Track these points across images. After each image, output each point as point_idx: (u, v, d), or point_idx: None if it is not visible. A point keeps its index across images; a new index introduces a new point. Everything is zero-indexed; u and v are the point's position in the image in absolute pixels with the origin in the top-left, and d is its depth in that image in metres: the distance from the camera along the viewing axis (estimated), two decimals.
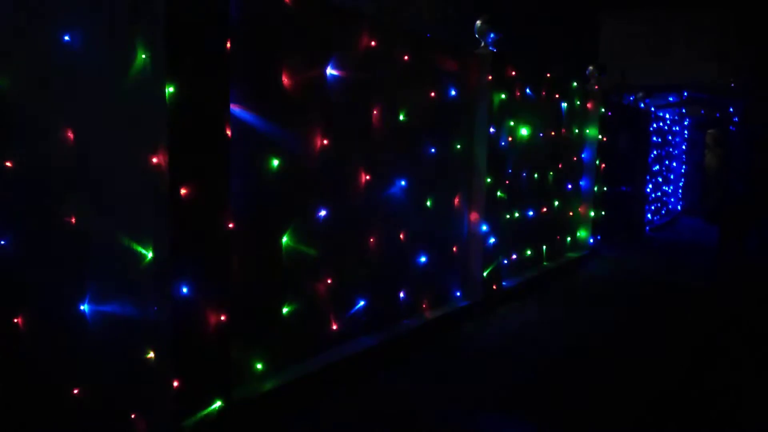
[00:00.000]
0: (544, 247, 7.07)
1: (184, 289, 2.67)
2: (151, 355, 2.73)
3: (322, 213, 3.69)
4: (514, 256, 6.27)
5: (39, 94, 3.01)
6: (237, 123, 3.04)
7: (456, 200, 5.20)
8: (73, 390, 3.03)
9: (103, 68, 2.76)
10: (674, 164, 13.67)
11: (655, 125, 11.26)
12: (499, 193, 5.52)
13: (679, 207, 14.10)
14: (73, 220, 2.94)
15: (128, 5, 2.63)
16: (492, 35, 5.24)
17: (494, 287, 5.57)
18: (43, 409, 3.15)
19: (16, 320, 3.24)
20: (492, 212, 5.41)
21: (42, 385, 3.21)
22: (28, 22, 2.99)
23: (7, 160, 3.15)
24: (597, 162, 7.97)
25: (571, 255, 7.71)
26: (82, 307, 2.94)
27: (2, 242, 3.24)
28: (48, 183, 3.04)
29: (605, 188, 8.35)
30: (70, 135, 2.90)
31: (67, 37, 2.83)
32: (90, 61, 2.80)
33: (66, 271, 3.02)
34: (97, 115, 2.82)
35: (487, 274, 5.42)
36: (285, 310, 3.51)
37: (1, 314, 3.28)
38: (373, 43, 3.97)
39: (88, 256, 2.93)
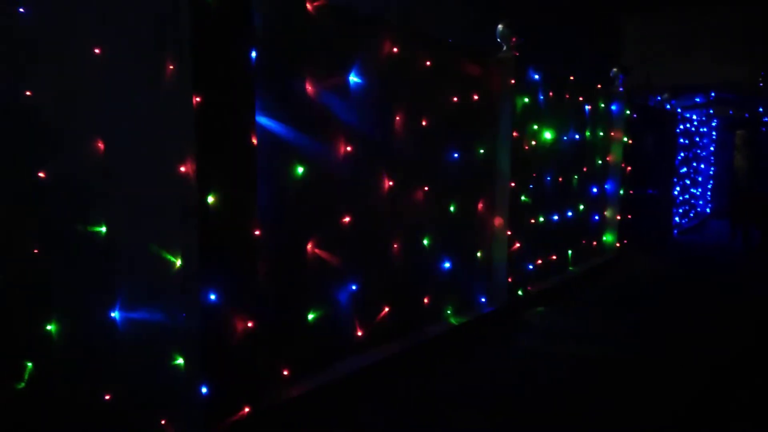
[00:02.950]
0: (570, 251, 6.98)
1: (212, 296, 2.70)
2: (180, 361, 2.77)
3: (346, 219, 3.71)
4: (539, 261, 6.20)
5: (70, 106, 3.09)
6: (262, 131, 3.07)
7: (480, 205, 5.17)
8: (104, 395, 3.08)
9: (131, 80, 2.82)
10: (702, 166, 13.39)
11: (681, 126, 11.04)
12: (523, 198, 5.47)
13: (707, 209, 13.79)
14: (104, 229, 3.01)
15: (156, 18, 2.69)
16: (514, 39, 5.22)
17: (519, 293, 5.51)
18: (75, 413, 3.21)
19: (49, 327, 3.31)
20: (516, 217, 5.36)
21: (74, 390, 3.28)
22: (59, 36, 3.08)
23: (40, 171, 3.24)
24: (622, 165, 7.85)
25: (598, 259, 7.59)
26: (112, 314, 3.00)
27: (36, 250, 3.33)
28: (79, 192, 3.11)
29: (631, 191, 8.21)
30: (100, 145, 2.97)
31: (97, 50, 2.90)
32: (119, 73, 2.86)
33: (97, 278, 3.09)
34: (125, 125, 2.88)
35: (512, 280, 5.37)
36: (310, 316, 3.52)
37: (35, 320, 3.37)
38: (395, 49, 3.99)
39: (118, 263, 2.99)
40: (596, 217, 7.68)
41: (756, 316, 5.66)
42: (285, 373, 3.35)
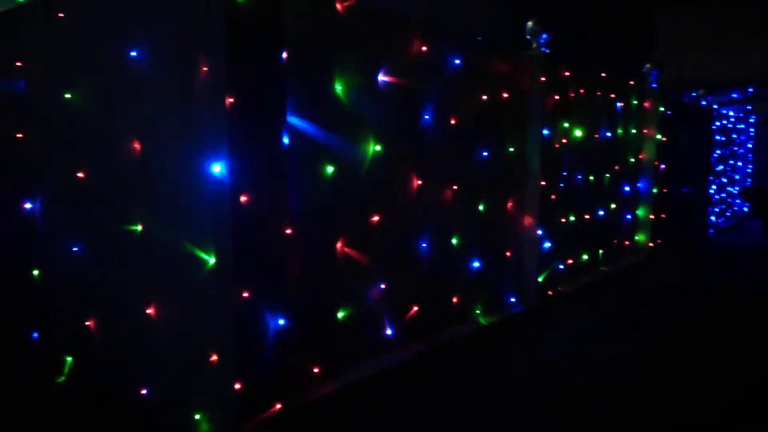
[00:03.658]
0: (601, 251, 6.86)
1: (245, 294, 2.74)
2: (214, 357, 2.82)
3: (375, 218, 3.72)
4: (570, 261, 6.11)
5: (108, 109, 3.19)
6: (293, 132, 3.10)
7: (509, 204, 5.12)
8: (140, 390, 3.16)
9: (166, 81, 2.89)
10: (739, 164, 13.00)
11: (717, 123, 10.74)
12: (553, 197, 5.40)
13: (745, 208, 13.38)
14: (140, 228, 3.08)
15: (189, 21, 2.74)
16: (544, 36, 5.15)
17: (550, 293, 5.44)
18: (112, 407, 3.30)
19: (88, 323, 3.41)
20: (546, 216, 5.30)
21: (112, 385, 3.37)
22: (98, 40, 3.17)
23: (79, 171, 3.34)
24: (655, 163, 7.68)
25: (629, 259, 7.45)
26: (148, 311, 3.07)
27: (75, 249, 3.44)
28: (117, 192, 3.20)
29: (665, 190, 8.03)
30: (137, 146, 3.04)
31: (133, 53, 2.98)
32: (154, 75, 2.93)
33: (134, 275, 3.17)
34: (161, 126, 2.95)
35: (542, 280, 5.31)
36: (340, 315, 3.55)
37: (75, 316, 3.47)
38: (423, 48, 3.98)
39: (154, 261, 3.06)
40: (628, 217, 7.53)
41: None
42: (315, 370, 3.38)
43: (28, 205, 3.69)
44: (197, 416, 2.92)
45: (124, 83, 3.06)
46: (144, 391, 3.16)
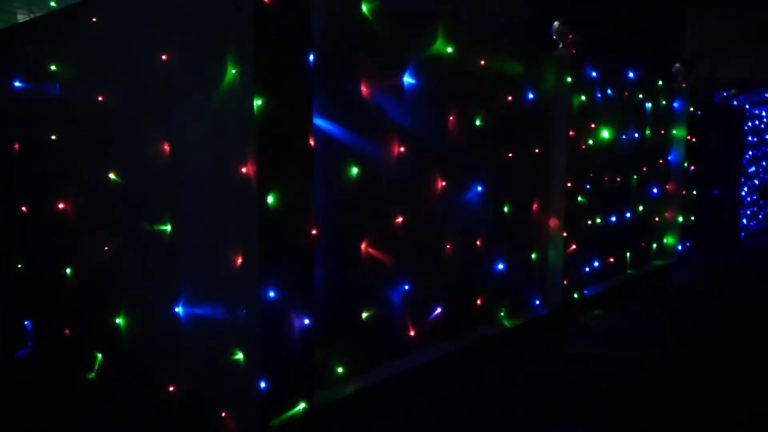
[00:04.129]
0: (628, 254, 6.75)
1: (271, 294, 2.77)
2: (240, 356, 2.85)
3: (400, 219, 3.72)
4: (596, 264, 6.03)
5: (139, 110, 3.25)
6: (319, 133, 3.13)
7: (534, 205, 5.07)
8: (168, 387, 3.22)
9: (195, 84, 2.93)
10: None
11: (750, 124, 10.46)
12: (579, 198, 5.33)
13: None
14: (169, 228, 3.14)
15: (219, 24, 2.78)
16: (571, 36, 5.09)
17: (575, 296, 5.37)
18: (140, 403, 3.37)
19: (118, 320, 3.49)
20: (572, 218, 5.23)
21: (140, 382, 3.44)
22: (129, 43, 3.24)
23: (110, 172, 3.41)
24: (685, 164, 7.52)
25: (658, 263, 7.31)
26: (176, 309, 3.13)
27: (106, 247, 3.52)
28: (146, 192, 3.26)
29: (694, 191, 7.85)
30: (166, 147, 3.10)
31: (163, 56, 3.03)
32: (184, 77, 2.99)
33: (162, 274, 3.23)
34: (190, 128, 3.00)
35: (568, 282, 5.24)
36: (364, 315, 3.56)
37: (106, 314, 3.55)
38: (448, 49, 3.97)
39: (182, 261, 3.11)
40: (657, 219, 7.39)
41: None
42: (339, 370, 3.40)
43: (61, 205, 3.79)
44: (223, 414, 2.96)
45: (154, 86, 3.12)
46: (171, 389, 3.21)
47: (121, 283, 3.49)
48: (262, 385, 2.78)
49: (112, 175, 3.41)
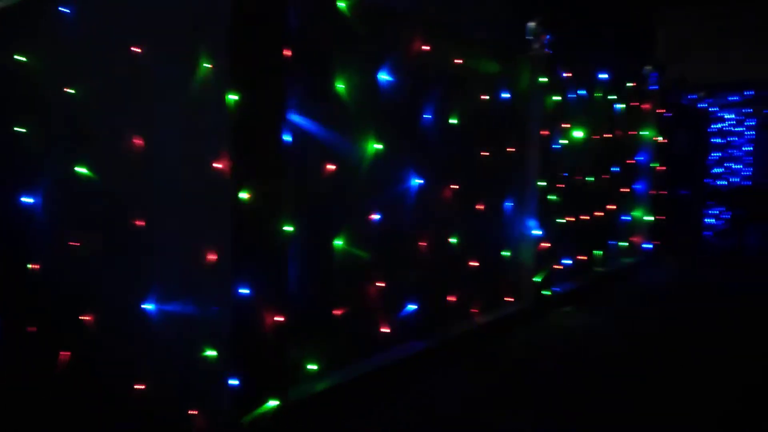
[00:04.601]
0: (598, 252, 6.89)
1: (244, 290, 2.75)
2: (212, 353, 2.83)
3: (375, 216, 3.73)
4: (567, 261, 6.14)
5: (110, 104, 3.19)
6: (294, 129, 3.11)
7: (508, 204, 5.14)
8: (137, 385, 3.17)
9: (169, 78, 2.89)
10: (737, 166, 13.02)
11: (716, 126, 10.77)
12: (551, 197, 5.42)
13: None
14: (140, 223, 3.09)
15: (193, 18, 2.74)
16: (545, 37, 5.16)
17: (546, 292, 5.47)
18: (109, 402, 3.31)
19: (86, 317, 3.42)
20: (544, 216, 5.32)
21: (109, 380, 3.38)
22: (101, 35, 3.17)
23: (81, 167, 3.34)
24: (653, 164, 7.70)
25: (627, 260, 7.48)
26: (146, 307, 3.08)
27: (75, 243, 3.44)
28: (117, 187, 3.20)
29: (663, 192, 8.05)
30: (138, 142, 3.05)
31: (136, 50, 2.98)
32: (158, 72, 2.94)
33: (133, 271, 3.18)
34: (163, 123, 2.95)
35: (539, 280, 5.33)
36: (338, 312, 3.56)
37: (74, 311, 3.48)
38: (425, 47, 3.98)
39: (153, 257, 3.07)
40: (626, 218, 7.56)
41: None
42: (312, 367, 3.39)
43: (29, 200, 3.69)
44: (194, 412, 2.93)
45: (127, 79, 3.06)
46: (141, 387, 3.16)
47: (90, 280, 3.42)
48: (234, 382, 2.76)
49: (82, 170, 3.34)
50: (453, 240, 4.48)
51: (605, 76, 6.59)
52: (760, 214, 8.29)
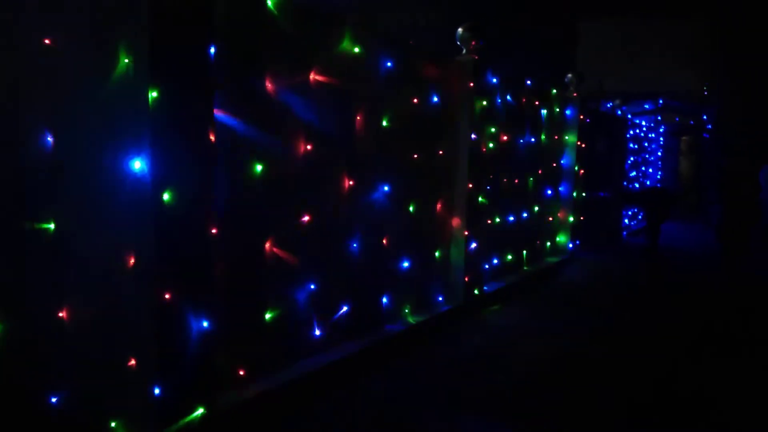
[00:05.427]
0: (525, 252, 7.15)
1: (167, 295, 2.64)
2: (133, 362, 2.70)
3: (306, 218, 3.69)
4: (496, 261, 6.33)
5: (18, 99, 2.97)
6: (221, 128, 3.02)
7: (438, 205, 5.23)
8: (50, 397, 2.97)
9: (84, 72, 2.73)
10: (650, 170, 13.94)
11: (631, 132, 11.47)
12: (480, 199, 5.57)
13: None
14: (52, 226, 2.90)
15: (111, 8, 2.61)
16: (474, 43, 5.30)
17: (476, 292, 5.61)
18: (21, 416, 3.08)
19: None
20: (473, 217, 5.46)
21: (20, 392, 3.15)
22: (7, 22, 2.95)
23: None
24: (576, 168, 8.10)
25: (551, 259, 7.81)
26: (61, 314, 2.89)
27: None
28: (27, 188, 2.99)
29: (584, 194, 8.48)
30: (50, 139, 2.86)
31: (47, 41, 2.80)
32: (71, 64, 2.77)
33: (45, 277, 2.98)
34: (77, 119, 2.78)
35: (469, 279, 5.46)
36: (268, 316, 3.50)
37: None
38: (356, 49, 3.99)
39: (68, 262, 2.89)
40: (550, 219, 7.89)
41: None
42: (241, 373, 3.31)
43: None
44: (113, 423, 2.78)
45: (38, 72, 2.86)
46: (54, 399, 2.97)
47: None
48: (156, 390, 2.64)
49: None
50: (385, 241, 4.51)
51: (530, 82, 6.85)
52: (667, 214, 8.98)
